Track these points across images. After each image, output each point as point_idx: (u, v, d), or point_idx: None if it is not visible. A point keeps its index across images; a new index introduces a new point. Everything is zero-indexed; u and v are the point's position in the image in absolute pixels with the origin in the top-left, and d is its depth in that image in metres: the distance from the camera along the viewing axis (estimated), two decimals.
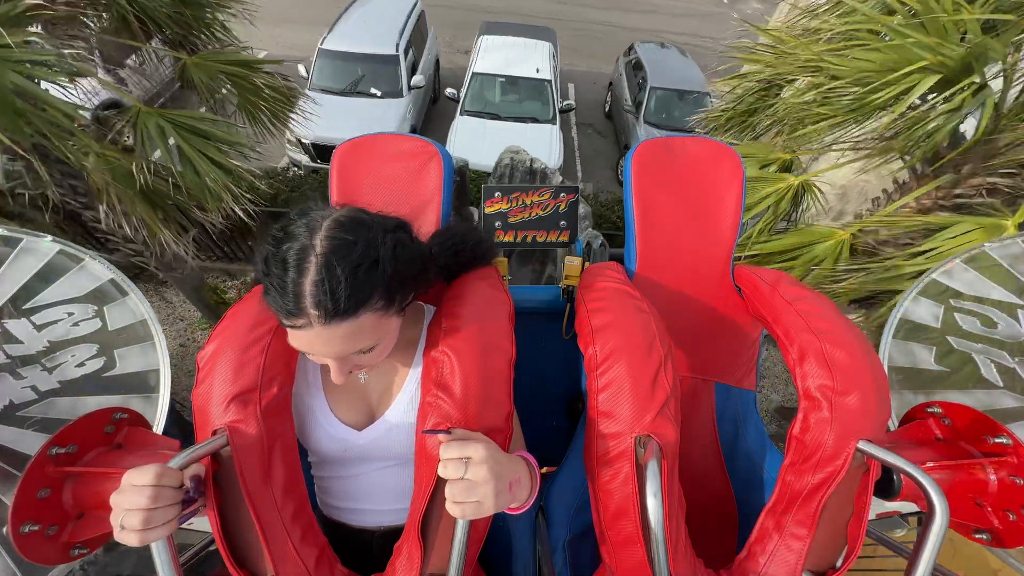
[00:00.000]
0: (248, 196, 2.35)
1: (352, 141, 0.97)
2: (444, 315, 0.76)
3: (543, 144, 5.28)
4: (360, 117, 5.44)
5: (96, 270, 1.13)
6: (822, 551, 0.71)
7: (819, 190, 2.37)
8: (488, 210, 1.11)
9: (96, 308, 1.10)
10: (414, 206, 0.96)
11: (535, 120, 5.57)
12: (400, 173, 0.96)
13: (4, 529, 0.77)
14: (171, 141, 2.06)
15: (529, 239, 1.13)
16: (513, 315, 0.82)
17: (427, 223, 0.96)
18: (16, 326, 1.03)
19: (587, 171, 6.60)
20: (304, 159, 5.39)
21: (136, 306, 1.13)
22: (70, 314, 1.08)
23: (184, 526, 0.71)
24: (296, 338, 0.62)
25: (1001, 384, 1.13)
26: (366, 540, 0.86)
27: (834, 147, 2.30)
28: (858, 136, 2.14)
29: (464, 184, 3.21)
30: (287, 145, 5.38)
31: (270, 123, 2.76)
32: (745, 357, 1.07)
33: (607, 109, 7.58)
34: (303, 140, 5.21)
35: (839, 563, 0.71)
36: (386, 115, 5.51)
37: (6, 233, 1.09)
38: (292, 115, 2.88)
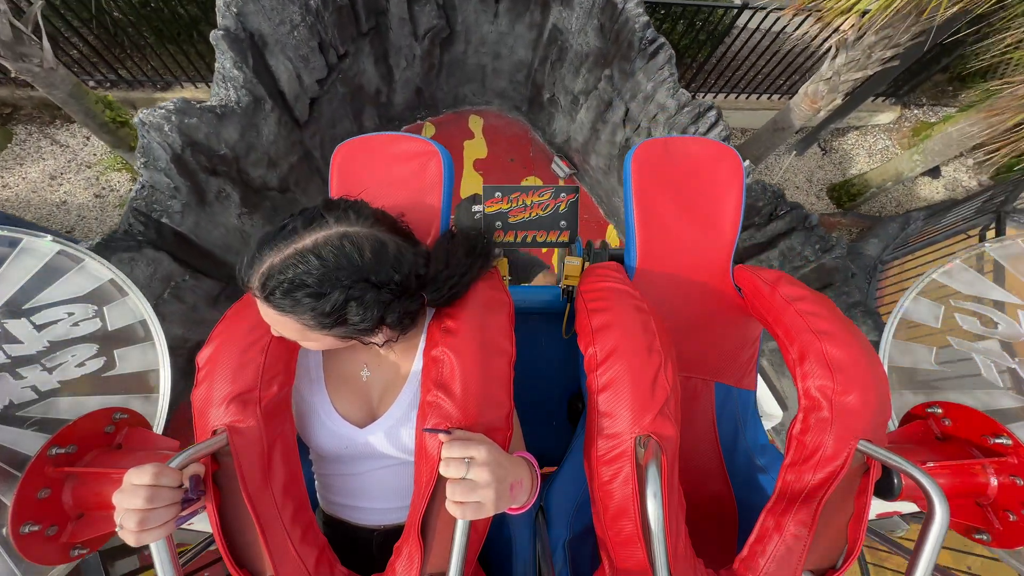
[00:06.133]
0: None
1: (351, 141, 0.97)
2: (444, 315, 0.76)
3: None
4: None
5: (96, 270, 1.13)
6: (822, 551, 0.71)
7: None
8: (488, 210, 1.11)
9: (96, 308, 1.10)
10: (414, 207, 0.96)
11: None
12: (400, 174, 0.95)
13: (4, 529, 0.77)
14: None
15: (529, 239, 1.13)
16: (513, 315, 0.82)
17: (427, 224, 0.96)
18: (16, 326, 1.03)
19: None
20: None
21: (136, 306, 1.13)
22: (70, 314, 1.08)
23: (184, 526, 0.71)
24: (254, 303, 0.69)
25: (1001, 384, 1.13)
26: (367, 538, 0.86)
27: None
28: None
29: None
30: None
31: None
32: (745, 357, 1.07)
33: None
34: None
35: (839, 563, 0.71)
36: None
37: (6, 233, 1.08)
38: None
